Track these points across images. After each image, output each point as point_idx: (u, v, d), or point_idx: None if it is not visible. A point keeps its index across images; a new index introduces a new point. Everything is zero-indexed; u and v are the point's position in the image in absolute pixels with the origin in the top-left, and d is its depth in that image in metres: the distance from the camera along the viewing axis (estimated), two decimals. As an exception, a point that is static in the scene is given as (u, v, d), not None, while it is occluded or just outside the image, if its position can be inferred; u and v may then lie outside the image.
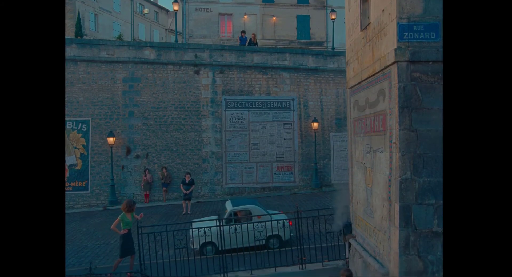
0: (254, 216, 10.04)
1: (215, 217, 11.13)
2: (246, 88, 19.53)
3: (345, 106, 19.35)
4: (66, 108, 18.24)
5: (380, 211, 6.11)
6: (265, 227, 9.15)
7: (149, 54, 19.11)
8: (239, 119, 19.36)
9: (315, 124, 19.21)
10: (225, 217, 10.31)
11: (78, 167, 18.64)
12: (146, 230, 8.88)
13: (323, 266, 8.45)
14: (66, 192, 18.03)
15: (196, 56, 19.27)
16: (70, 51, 18.44)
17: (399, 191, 5.32)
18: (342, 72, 19.37)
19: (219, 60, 19.39)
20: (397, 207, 5.36)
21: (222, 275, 8.22)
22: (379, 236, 6.18)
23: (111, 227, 9.02)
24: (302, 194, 18.30)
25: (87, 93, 18.76)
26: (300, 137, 19.69)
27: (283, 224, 10.04)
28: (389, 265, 5.64)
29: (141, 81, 19.02)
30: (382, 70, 5.87)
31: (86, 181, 18.59)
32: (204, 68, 19.31)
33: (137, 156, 18.89)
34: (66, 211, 15.94)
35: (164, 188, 18.34)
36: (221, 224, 8.85)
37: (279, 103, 19.61)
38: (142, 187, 18.40)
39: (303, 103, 19.84)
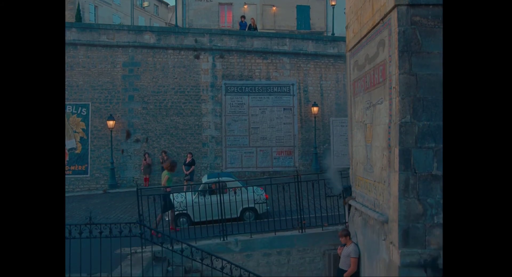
0: (230, 180, 10.12)
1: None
2: (246, 73, 19.53)
3: (345, 91, 19.33)
4: (66, 92, 18.20)
5: (380, 162, 6.11)
6: (243, 199, 9.25)
7: (149, 38, 19.11)
8: (239, 104, 19.36)
9: (315, 109, 19.21)
10: (199, 189, 10.39)
11: (77, 151, 18.63)
12: (146, 192, 8.91)
13: (322, 230, 8.47)
14: (66, 176, 18.02)
15: (196, 41, 19.26)
16: (70, 35, 18.42)
17: (398, 134, 5.32)
18: (342, 57, 19.37)
19: (219, 44, 19.38)
20: (396, 151, 5.36)
21: (222, 238, 8.22)
22: (379, 188, 6.19)
23: (162, 183, 9.53)
24: (302, 178, 18.25)
25: (87, 77, 18.75)
26: (300, 122, 19.69)
27: (264, 196, 10.10)
28: (388, 212, 5.64)
29: (141, 65, 19.01)
30: (382, 19, 5.88)
31: (86, 165, 18.58)
32: (204, 53, 19.31)
33: (137, 140, 18.89)
34: (66, 194, 15.93)
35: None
36: (193, 195, 8.95)
37: (279, 88, 19.61)
38: (142, 171, 18.39)
39: (303, 88, 19.83)
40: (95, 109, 18.74)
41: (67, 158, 18.47)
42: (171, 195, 9.15)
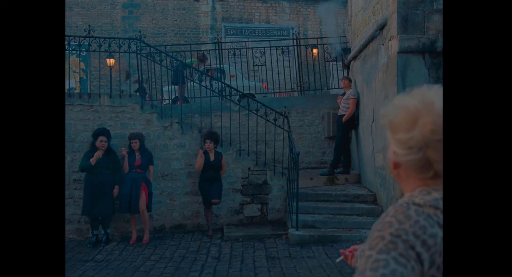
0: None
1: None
2: (245, 16, 19.51)
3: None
4: (65, 32, 18.20)
5: (379, -20, 6.09)
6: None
7: (148, -20, 19.09)
8: (238, 46, 19.31)
9: (315, 51, 19.15)
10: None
11: (77, 91, 18.56)
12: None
13: (321, 93, 8.49)
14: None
15: (195, -16, 19.24)
16: (70, -25, 18.41)
17: None
18: (342, 2, 19.34)
19: (218, -13, 19.37)
20: None
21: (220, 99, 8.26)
22: (377, 7, 6.16)
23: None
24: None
25: (86, 18, 18.71)
26: (300, 65, 19.63)
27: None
28: (387, 11, 5.61)
29: (140, 7, 19.00)
30: None
31: (85, 105, 18.53)
32: (204, -5, 19.29)
33: (137, 81, 18.83)
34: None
35: (163, 111, 18.33)
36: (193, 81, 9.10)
37: (278, 31, 19.58)
38: (141, 110, 18.34)
39: (303, 33, 19.80)
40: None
41: (66, 98, 18.41)
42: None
